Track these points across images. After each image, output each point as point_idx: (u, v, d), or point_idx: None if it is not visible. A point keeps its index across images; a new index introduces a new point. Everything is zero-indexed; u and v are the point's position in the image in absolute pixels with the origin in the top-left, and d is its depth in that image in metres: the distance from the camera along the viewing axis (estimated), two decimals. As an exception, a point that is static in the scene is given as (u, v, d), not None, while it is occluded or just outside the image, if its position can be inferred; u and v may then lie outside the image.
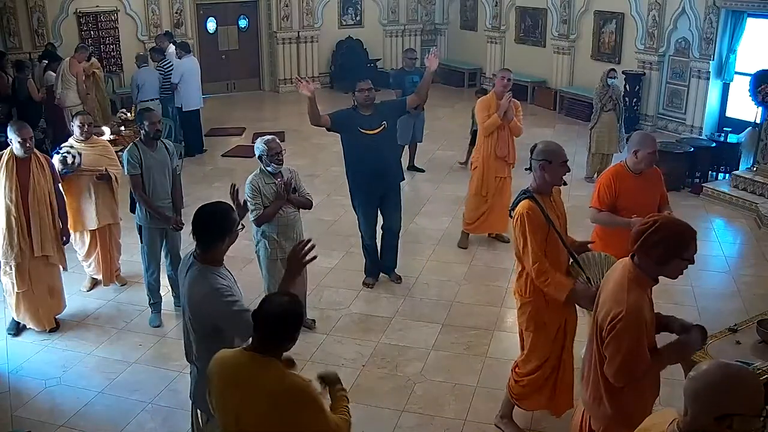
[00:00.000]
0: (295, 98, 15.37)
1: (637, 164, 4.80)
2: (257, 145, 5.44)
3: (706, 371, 2.20)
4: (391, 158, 6.37)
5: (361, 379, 5.24)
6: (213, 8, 15.17)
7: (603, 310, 3.09)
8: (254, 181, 5.39)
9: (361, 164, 6.12)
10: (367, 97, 6.03)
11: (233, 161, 10.86)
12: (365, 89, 6.03)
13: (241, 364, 2.77)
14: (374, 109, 6.08)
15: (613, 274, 3.19)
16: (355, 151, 6.13)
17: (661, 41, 12.03)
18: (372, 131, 6.02)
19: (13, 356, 5.56)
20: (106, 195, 6.37)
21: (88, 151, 6.28)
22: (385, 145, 6.19)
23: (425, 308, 6.28)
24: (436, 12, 17.38)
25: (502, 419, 4.64)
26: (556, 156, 4.06)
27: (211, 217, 3.36)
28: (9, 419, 4.77)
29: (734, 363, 2.31)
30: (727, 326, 4.58)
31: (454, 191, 9.33)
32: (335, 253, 7.35)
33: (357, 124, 6.02)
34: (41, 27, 13.08)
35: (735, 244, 8.01)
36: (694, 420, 2.20)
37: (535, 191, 4.10)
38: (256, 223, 5.41)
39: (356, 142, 6.06)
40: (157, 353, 5.60)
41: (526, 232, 3.99)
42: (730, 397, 2.15)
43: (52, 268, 5.88)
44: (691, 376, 2.22)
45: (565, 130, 12.38)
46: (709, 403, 2.16)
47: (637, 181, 4.78)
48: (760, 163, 8.83)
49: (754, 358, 4.13)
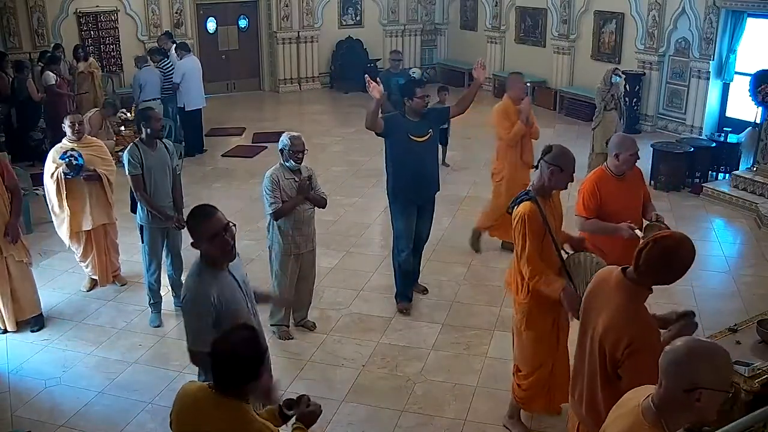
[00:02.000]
0: (295, 98, 15.42)
1: (619, 167, 4.79)
2: (282, 138, 5.47)
3: (679, 346, 2.28)
4: (434, 166, 6.21)
5: (361, 379, 5.24)
6: (213, 8, 15.16)
7: (610, 336, 2.98)
8: (274, 174, 5.41)
9: (406, 170, 5.97)
10: (425, 105, 5.91)
11: (233, 161, 10.86)
12: (424, 95, 5.88)
13: (198, 401, 2.65)
14: (422, 116, 5.95)
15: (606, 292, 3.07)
16: (402, 157, 5.96)
17: (661, 41, 12.03)
18: (421, 138, 5.88)
19: (13, 356, 5.56)
20: (100, 195, 6.37)
21: (83, 151, 6.26)
22: (429, 153, 6.08)
23: (425, 308, 6.28)
24: (436, 12, 17.38)
25: (510, 419, 4.63)
26: (568, 165, 4.07)
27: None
28: (9, 419, 4.78)
29: (707, 340, 2.39)
30: (727, 326, 4.58)
31: (453, 191, 9.33)
32: (335, 253, 7.35)
33: (406, 130, 5.88)
34: (41, 27, 13.07)
35: (735, 244, 8.01)
36: (666, 392, 2.26)
37: (537, 192, 4.10)
38: (274, 217, 5.41)
39: (404, 148, 5.91)
40: (157, 353, 5.59)
41: (525, 234, 4.00)
42: (698, 369, 2.21)
43: (16, 267, 5.73)
44: (665, 350, 2.30)
45: (565, 130, 12.38)
46: (678, 374, 2.23)
47: (621, 184, 4.77)
48: (760, 163, 8.83)
49: (754, 358, 4.13)
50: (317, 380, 5.19)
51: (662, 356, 2.30)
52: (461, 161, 10.51)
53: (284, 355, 5.46)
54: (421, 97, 5.86)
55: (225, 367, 2.58)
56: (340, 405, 4.91)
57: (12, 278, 5.74)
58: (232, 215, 8.65)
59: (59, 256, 7.24)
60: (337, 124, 13.13)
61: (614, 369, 3.02)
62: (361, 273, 6.74)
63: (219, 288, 3.32)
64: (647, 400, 2.34)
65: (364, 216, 8.26)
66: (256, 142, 11.71)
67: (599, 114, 9.43)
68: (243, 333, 2.66)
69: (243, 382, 2.60)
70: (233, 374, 2.58)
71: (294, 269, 5.65)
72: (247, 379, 2.59)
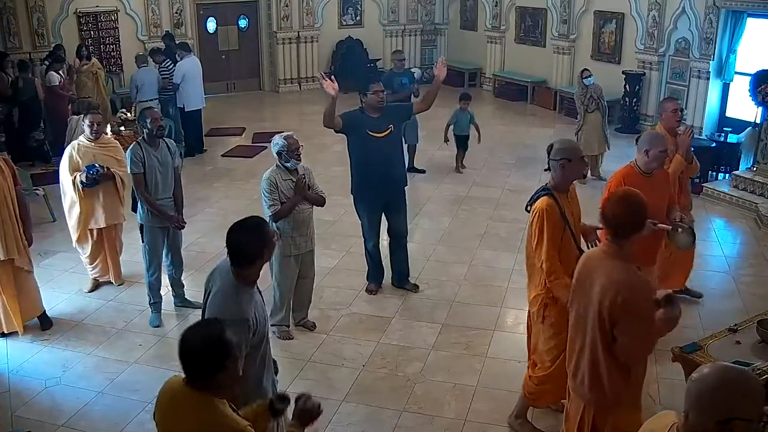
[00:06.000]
0: (295, 98, 15.41)
1: (649, 164, 4.78)
2: (276, 141, 5.45)
3: (709, 374, 2.18)
4: (397, 162, 6.30)
5: (361, 379, 5.24)
6: (213, 8, 15.16)
7: (606, 296, 3.18)
8: (272, 176, 5.42)
9: (367, 167, 6.07)
10: (379, 100, 5.97)
11: (233, 161, 10.87)
12: (378, 91, 5.96)
13: (175, 396, 2.67)
14: (382, 112, 6.03)
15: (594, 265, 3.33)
16: (362, 154, 6.07)
17: (661, 41, 12.03)
18: (380, 134, 5.97)
19: (13, 356, 5.56)
20: (113, 195, 6.41)
21: (99, 151, 6.30)
22: (391, 149, 6.14)
23: (425, 308, 6.28)
24: (436, 12, 17.37)
25: (517, 419, 4.61)
26: (574, 153, 4.15)
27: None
28: (9, 419, 4.77)
29: (736, 366, 2.31)
30: (727, 326, 4.59)
31: (453, 191, 9.33)
32: (335, 253, 7.35)
33: (365, 126, 5.97)
34: (41, 27, 13.06)
35: (735, 244, 8.01)
36: (696, 423, 2.17)
37: (554, 189, 4.14)
38: (274, 218, 5.42)
39: (363, 144, 6.01)
40: (157, 353, 5.59)
41: (543, 228, 4.04)
42: (733, 400, 2.12)
43: (19, 271, 5.74)
44: (694, 378, 2.21)
45: (565, 130, 12.34)
46: (711, 406, 2.13)
47: (648, 182, 4.72)
48: (760, 163, 8.83)
49: (754, 358, 4.14)
50: (317, 380, 5.19)
51: (692, 384, 2.20)
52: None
53: (284, 355, 5.45)
54: (375, 93, 5.96)
55: (187, 358, 2.59)
56: (340, 405, 4.91)
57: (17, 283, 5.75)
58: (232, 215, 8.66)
59: (59, 256, 7.24)
60: (337, 124, 13.09)
61: (612, 331, 3.21)
62: (361, 273, 6.74)
63: (255, 308, 3.27)
64: (672, 430, 2.27)
65: (364, 216, 8.26)
66: (256, 142, 11.70)
67: (581, 118, 9.45)
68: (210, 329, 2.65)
69: (207, 374, 2.57)
70: (195, 366, 2.58)
71: (294, 270, 5.66)
72: (211, 371, 2.56)
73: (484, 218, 8.40)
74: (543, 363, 4.39)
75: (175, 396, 2.66)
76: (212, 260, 7.09)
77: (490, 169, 10.36)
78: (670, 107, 5.75)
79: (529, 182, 9.07)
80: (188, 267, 6.55)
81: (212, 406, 2.59)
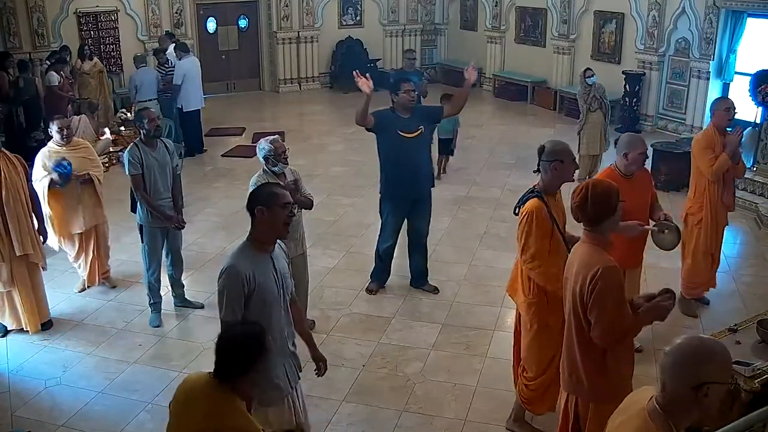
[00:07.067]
0: (295, 98, 15.43)
1: (629, 166, 4.80)
2: (261, 145, 5.39)
3: (681, 344, 2.32)
4: (425, 163, 6.26)
5: (361, 379, 5.24)
6: (213, 8, 15.17)
7: (579, 279, 3.26)
8: (259, 181, 5.35)
9: (396, 167, 6.02)
10: (411, 99, 5.92)
11: (233, 161, 10.86)
12: (410, 90, 5.90)
13: (195, 387, 2.74)
14: (412, 112, 5.98)
15: (576, 254, 3.41)
16: (392, 153, 6.01)
17: (661, 41, 12.04)
18: (410, 134, 5.91)
19: (13, 356, 5.56)
20: (92, 197, 6.38)
21: (71, 155, 6.24)
22: (420, 150, 6.09)
23: (425, 308, 6.28)
24: (436, 12, 17.38)
25: (515, 422, 4.61)
26: (567, 155, 4.15)
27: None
28: (9, 419, 4.77)
29: (704, 336, 2.49)
30: (727, 326, 4.58)
31: (454, 191, 9.33)
32: (335, 253, 7.35)
33: (396, 126, 5.91)
34: (41, 27, 13.07)
35: (735, 244, 8.00)
36: (672, 392, 2.30)
37: (543, 191, 4.13)
38: None
39: (393, 144, 5.95)
40: (157, 353, 5.59)
41: (531, 230, 4.03)
42: (705, 366, 2.27)
43: (34, 267, 5.79)
44: (667, 351, 2.34)
45: (565, 130, 12.34)
46: (684, 373, 2.27)
47: (629, 184, 4.75)
48: (760, 163, 8.82)
49: (754, 358, 4.13)
50: (317, 380, 5.18)
51: (665, 357, 2.34)
52: (462, 161, 10.50)
53: (284, 355, 5.45)
54: (407, 92, 5.89)
55: (222, 351, 2.70)
56: (340, 405, 4.91)
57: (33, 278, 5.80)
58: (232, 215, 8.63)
59: (59, 256, 7.21)
60: (337, 124, 13.11)
61: (585, 314, 3.27)
62: (361, 273, 6.74)
63: (255, 268, 3.37)
64: (651, 403, 2.37)
65: (364, 216, 8.25)
66: (256, 142, 11.66)
67: (583, 117, 9.45)
68: (252, 328, 2.80)
69: (234, 372, 2.68)
70: (227, 360, 2.68)
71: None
72: (237, 370, 2.68)
73: (484, 218, 8.41)
74: (534, 369, 4.38)
75: (195, 387, 2.73)
76: (212, 260, 7.10)
77: (490, 169, 10.37)
78: (723, 106, 5.75)
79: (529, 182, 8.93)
80: (188, 267, 6.55)
81: (230, 401, 2.67)
